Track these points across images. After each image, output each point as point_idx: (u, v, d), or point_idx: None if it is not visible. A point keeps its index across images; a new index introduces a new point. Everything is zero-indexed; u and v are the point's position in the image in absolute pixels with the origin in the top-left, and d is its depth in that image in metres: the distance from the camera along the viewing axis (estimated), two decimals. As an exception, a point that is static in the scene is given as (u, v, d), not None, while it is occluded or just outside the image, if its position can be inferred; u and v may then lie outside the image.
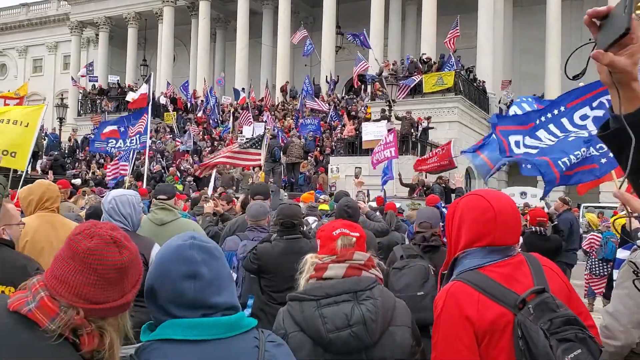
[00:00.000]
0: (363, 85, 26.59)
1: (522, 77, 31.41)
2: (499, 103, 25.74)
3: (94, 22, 42.10)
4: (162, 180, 17.57)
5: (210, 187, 15.31)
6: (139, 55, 39.87)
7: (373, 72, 24.82)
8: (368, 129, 17.47)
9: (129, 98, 26.74)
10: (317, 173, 19.05)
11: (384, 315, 1.94)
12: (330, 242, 2.06)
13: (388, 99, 19.80)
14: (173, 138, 25.72)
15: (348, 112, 23.90)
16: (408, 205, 10.09)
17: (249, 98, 29.36)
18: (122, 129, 14.09)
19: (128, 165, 15.02)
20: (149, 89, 20.24)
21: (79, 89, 34.20)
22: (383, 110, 19.98)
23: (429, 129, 20.49)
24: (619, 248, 7.85)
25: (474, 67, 26.33)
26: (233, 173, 19.21)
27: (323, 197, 9.72)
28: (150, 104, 14.56)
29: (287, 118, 26.18)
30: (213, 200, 7.28)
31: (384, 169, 13.70)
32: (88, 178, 19.47)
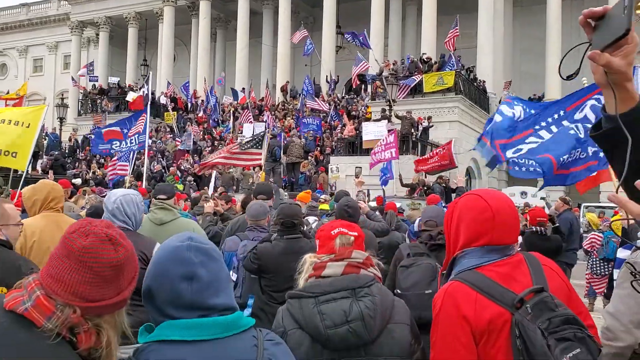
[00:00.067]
0: (363, 85, 26.57)
1: (522, 76, 31.41)
2: (500, 103, 25.70)
3: (95, 22, 42.12)
4: (162, 180, 17.57)
5: (211, 186, 15.33)
6: (140, 55, 39.86)
7: (373, 72, 24.80)
8: (368, 129, 17.46)
9: (129, 98, 26.79)
10: (317, 173, 19.04)
11: (383, 313, 1.94)
12: (329, 241, 2.07)
13: (388, 99, 19.79)
14: (173, 138, 25.74)
15: (348, 112, 23.88)
16: (408, 205, 10.08)
17: (249, 98, 29.35)
18: (125, 131, 14.18)
19: (128, 165, 15.03)
20: (148, 89, 20.29)
21: (80, 89, 34.20)
22: (383, 110, 19.97)
23: (429, 127, 20.48)
24: (620, 248, 7.87)
25: (474, 67, 26.30)
26: (233, 173, 19.21)
27: (323, 196, 9.71)
28: (149, 104, 14.57)
29: (287, 118, 26.17)
30: (213, 200, 7.28)
31: (383, 169, 13.69)
32: (88, 178, 19.47)
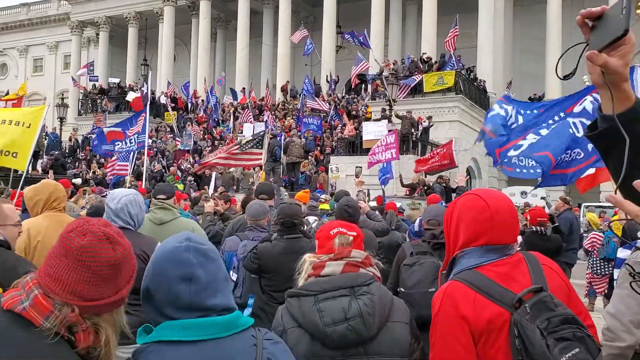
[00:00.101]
0: (363, 85, 26.56)
1: (522, 76, 31.40)
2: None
3: (95, 21, 42.12)
4: (162, 180, 17.56)
5: (211, 186, 15.34)
6: (140, 55, 39.86)
7: (373, 72, 24.80)
8: (368, 129, 17.47)
9: (129, 98, 26.80)
10: (317, 172, 19.05)
11: (381, 311, 1.95)
12: (328, 241, 2.08)
13: (388, 99, 19.79)
14: (174, 138, 25.74)
15: (348, 111, 23.87)
16: (408, 205, 10.09)
17: (250, 98, 29.35)
18: (126, 131, 14.31)
19: (128, 165, 15.04)
20: (148, 89, 20.29)
21: (80, 89, 34.20)
22: (383, 110, 19.97)
23: (430, 127, 20.47)
24: (620, 248, 7.88)
25: (474, 66, 26.29)
26: (233, 173, 19.22)
27: (324, 196, 9.72)
28: (149, 104, 14.61)
29: (287, 118, 26.17)
30: (213, 200, 7.28)
31: (382, 169, 13.68)
32: (88, 177, 19.47)
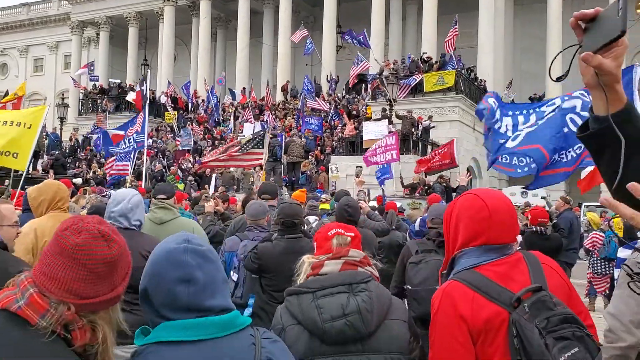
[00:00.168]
0: (364, 85, 26.57)
1: (522, 76, 31.39)
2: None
3: (95, 21, 42.14)
4: (163, 180, 17.57)
5: (212, 186, 15.35)
6: (140, 55, 39.89)
7: (374, 71, 24.80)
8: (369, 128, 17.47)
9: (130, 98, 26.80)
10: (318, 172, 19.06)
11: (380, 308, 1.96)
12: (326, 241, 2.11)
13: (389, 98, 19.79)
14: (174, 137, 25.75)
15: (348, 111, 23.87)
16: (409, 205, 10.09)
17: (250, 97, 29.35)
18: (126, 131, 14.45)
19: (129, 165, 15.05)
20: (147, 88, 20.29)
21: (80, 89, 34.20)
22: (384, 110, 19.97)
23: (430, 128, 20.47)
24: (621, 247, 7.86)
25: (475, 66, 26.30)
26: (234, 172, 19.24)
27: (324, 196, 9.72)
28: (147, 103, 14.67)
29: (287, 117, 26.18)
30: (214, 200, 7.28)
31: (381, 169, 13.69)
32: (89, 177, 19.49)
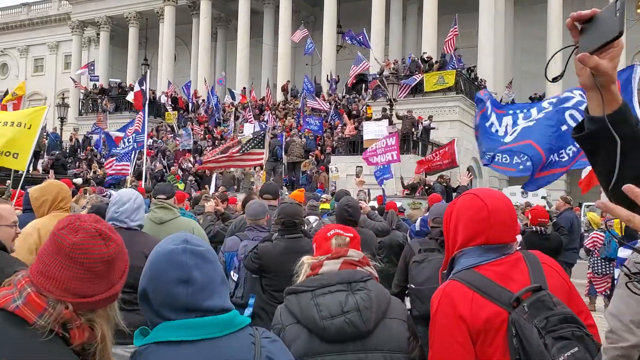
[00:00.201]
0: (364, 85, 26.57)
1: (523, 76, 31.38)
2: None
3: (95, 21, 42.14)
4: (163, 179, 17.58)
5: (212, 186, 15.35)
6: (140, 55, 39.90)
7: (374, 71, 24.79)
8: (369, 128, 17.47)
9: (130, 98, 26.80)
10: (318, 172, 19.07)
11: (379, 306, 1.97)
12: (325, 242, 2.13)
13: (389, 98, 19.79)
14: (174, 137, 25.75)
15: (349, 111, 23.88)
16: (409, 204, 10.08)
17: (250, 97, 29.35)
18: (126, 131, 14.52)
19: (130, 165, 15.05)
20: (146, 88, 20.26)
21: (80, 89, 34.21)
22: (384, 110, 19.97)
23: (431, 129, 20.47)
24: (621, 247, 7.86)
25: (475, 66, 26.30)
26: (234, 172, 19.24)
27: (325, 196, 9.76)
28: (147, 103, 14.68)
29: (288, 117, 26.18)
30: (214, 199, 7.28)
31: (381, 169, 13.68)
32: (89, 177, 19.50)
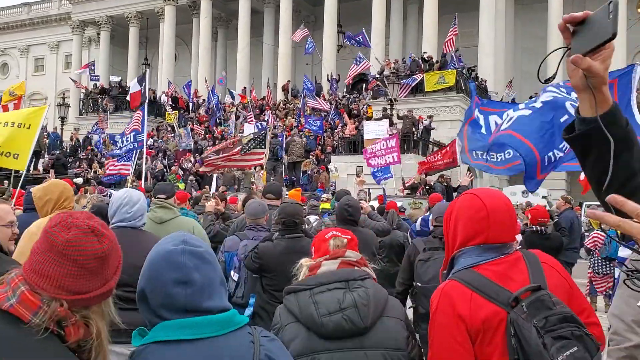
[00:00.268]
0: (364, 84, 26.57)
1: (523, 75, 31.33)
2: (501, 102, 25.72)
3: (96, 21, 42.13)
4: (163, 179, 17.59)
5: (213, 186, 15.36)
6: (141, 55, 39.88)
7: (374, 71, 24.80)
8: (369, 128, 17.49)
9: (129, 98, 26.79)
10: (318, 172, 19.08)
11: (376, 304, 1.99)
12: (323, 243, 2.16)
13: (389, 98, 19.79)
14: (174, 137, 25.75)
15: (349, 110, 23.88)
16: (410, 204, 10.09)
17: (250, 97, 29.34)
18: (125, 130, 14.54)
19: (130, 165, 15.06)
20: (145, 87, 20.24)
21: (81, 89, 34.22)
22: (384, 109, 19.97)
23: (431, 129, 20.48)
24: (621, 247, 7.86)
25: (476, 66, 26.29)
26: (234, 172, 19.24)
27: (325, 195, 9.78)
28: (147, 103, 14.67)
29: (288, 117, 26.18)
30: (214, 199, 7.28)
31: (381, 169, 13.69)
32: (90, 177, 19.50)
